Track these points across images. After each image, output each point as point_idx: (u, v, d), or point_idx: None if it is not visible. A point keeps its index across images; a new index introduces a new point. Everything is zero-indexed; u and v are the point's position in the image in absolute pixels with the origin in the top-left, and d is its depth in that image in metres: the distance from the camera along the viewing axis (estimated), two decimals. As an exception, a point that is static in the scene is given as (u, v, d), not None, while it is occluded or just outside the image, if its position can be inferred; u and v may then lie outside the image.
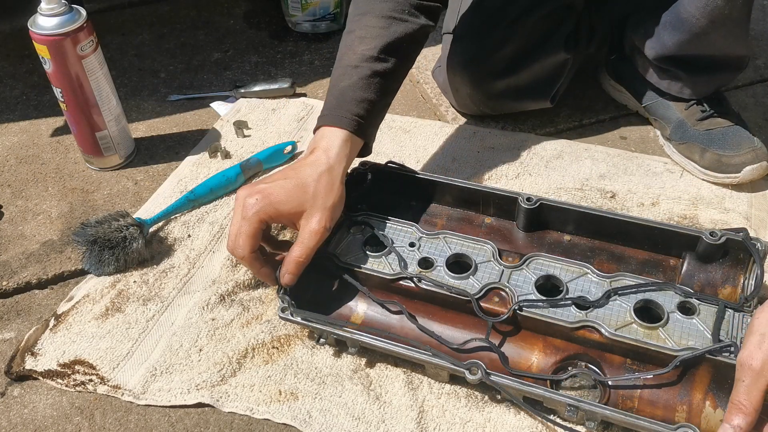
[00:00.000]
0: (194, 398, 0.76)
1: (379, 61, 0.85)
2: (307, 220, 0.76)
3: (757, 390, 0.62)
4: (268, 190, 0.77)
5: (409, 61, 0.90)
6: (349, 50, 0.87)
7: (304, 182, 0.77)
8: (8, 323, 0.86)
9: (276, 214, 0.76)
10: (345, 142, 0.81)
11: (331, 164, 0.79)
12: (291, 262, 0.76)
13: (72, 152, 1.12)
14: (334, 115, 0.83)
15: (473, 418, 0.73)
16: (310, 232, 0.76)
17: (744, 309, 0.73)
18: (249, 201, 0.76)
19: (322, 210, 0.76)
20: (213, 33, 1.42)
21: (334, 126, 0.82)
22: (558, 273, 0.78)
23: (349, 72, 0.85)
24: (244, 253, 0.76)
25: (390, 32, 0.86)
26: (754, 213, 0.96)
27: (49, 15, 0.93)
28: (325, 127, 0.83)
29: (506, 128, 1.14)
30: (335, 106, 0.83)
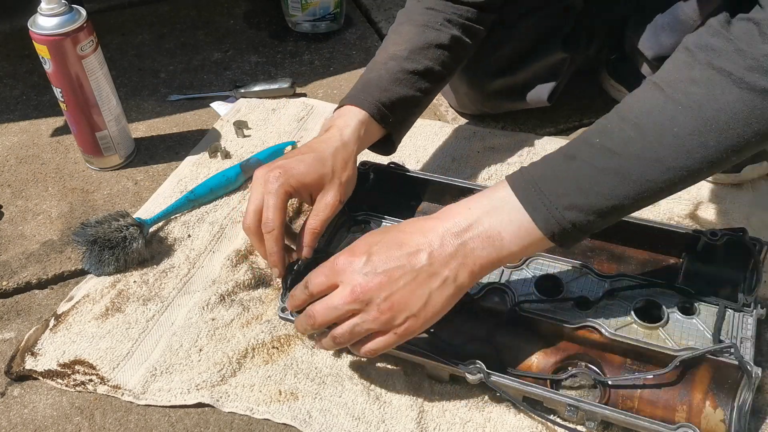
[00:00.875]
0: (194, 398, 0.76)
1: (409, 60, 0.86)
2: (324, 194, 0.78)
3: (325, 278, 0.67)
4: (288, 164, 0.77)
5: (442, 66, 0.89)
6: (381, 51, 0.89)
7: (323, 156, 0.78)
8: (8, 323, 0.86)
9: (299, 185, 0.77)
10: (361, 123, 0.81)
11: (345, 141, 0.80)
12: (307, 233, 0.77)
13: (72, 152, 1.12)
14: (356, 96, 0.84)
15: (473, 418, 0.73)
16: (325, 204, 0.78)
17: (744, 309, 0.73)
18: (271, 175, 0.76)
19: (338, 185, 0.78)
20: (213, 33, 1.42)
21: (353, 105, 0.82)
22: (558, 273, 0.78)
23: (377, 67, 0.87)
24: (274, 225, 0.75)
25: (422, 37, 0.88)
26: (754, 213, 0.96)
27: (49, 15, 0.93)
28: (344, 106, 0.83)
29: (506, 128, 1.14)
30: (359, 90, 0.85)
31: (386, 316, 0.64)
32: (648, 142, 0.60)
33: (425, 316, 0.65)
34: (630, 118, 0.62)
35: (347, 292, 0.65)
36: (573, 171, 0.62)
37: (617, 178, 0.61)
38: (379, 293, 0.64)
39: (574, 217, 0.62)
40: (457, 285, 0.65)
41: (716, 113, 0.58)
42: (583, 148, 0.63)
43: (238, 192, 1.03)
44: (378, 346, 0.67)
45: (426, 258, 0.64)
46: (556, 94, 1.08)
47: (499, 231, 0.64)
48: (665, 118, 0.60)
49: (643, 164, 0.60)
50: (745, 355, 0.68)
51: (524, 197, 0.63)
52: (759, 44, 0.56)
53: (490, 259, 0.64)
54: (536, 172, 0.64)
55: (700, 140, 0.59)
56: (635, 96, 0.63)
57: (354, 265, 0.66)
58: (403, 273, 0.64)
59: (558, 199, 0.62)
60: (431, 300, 0.64)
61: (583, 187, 0.61)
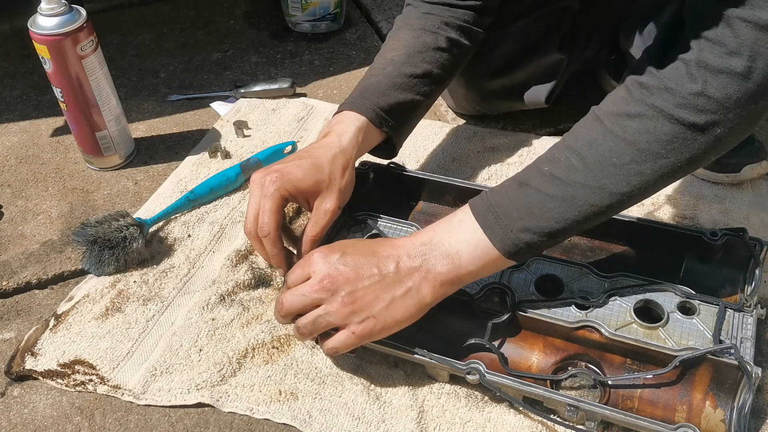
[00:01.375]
0: (194, 398, 0.76)
1: (407, 65, 0.86)
2: (322, 200, 0.79)
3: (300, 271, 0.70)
4: (285, 169, 0.78)
5: (441, 69, 0.89)
6: (380, 57, 0.89)
7: (320, 162, 0.78)
8: (8, 323, 0.86)
9: (295, 191, 0.77)
10: (359, 129, 0.82)
11: (344, 147, 0.80)
12: (306, 242, 0.79)
13: (72, 152, 1.12)
14: (354, 102, 0.84)
15: (473, 418, 0.73)
16: (324, 211, 0.78)
17: (744, 309, 0.73)
18: (268, 179, 0.77)
19: (336, 191, 0.79)
20: (213, 33, 1.42)
21: (352, 110, 0.83)
22: (558, 273, 0.78)
23: (375, 73, 0.87)
24: (269, 229, 0.76)
25: (420, 41, 0.88)
26: (754, 213, 0.96)
27: (49, 15, 0.93)
28: (343, 112, 0.84)
29: (506, 128, 1.14)
30: (357, 96, 0.85)
31: (347, 309, 0.68)
32: (590, 171, 0.66)
33: (385, 321, 0.68)
34: (575, 148, 0.67)
35: (316, 280, 0.69)
36: (525, 197, 0.68)
37: (564, 203, 0.66)
38: (345, 286, 0.68)
39: (528, 238, 0.67)
40: (420, 298, 0.68)
41: (649, 144, 0.64)
42: (534, 176, 0.69)
43: (238, 192, 1.03)
44: (336, 344, 0.70)
45: (393, 266, 0.69)
46: (553, 96, 1.08)
47: (457, 250, 0.69)
48: (605, 149, 0.65)
49: (587, 191, 0.66)
50: (745, 356, 0.68)
51: (483, 221, 0.69)
52: (687, 83, 0.62)
53: (450, 276, 0.69)
54: (494, 198, 0.69)
55: (636, 169, 0.65)
56: (579, 127, 0.69)
57: (327, 258, 0.70)
58: (371, 274, 0.68)
59: (513, 222, 0.67)
60: (393, 305, 0.68)
61: (535, 212, 0.67)
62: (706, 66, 0.61)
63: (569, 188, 0.66)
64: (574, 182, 0.66)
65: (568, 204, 0.66)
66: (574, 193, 0.66)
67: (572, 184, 0.66)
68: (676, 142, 0.63)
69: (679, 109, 0.62)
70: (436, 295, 0.69)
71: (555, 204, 0.66)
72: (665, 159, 0.64)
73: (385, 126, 0.84)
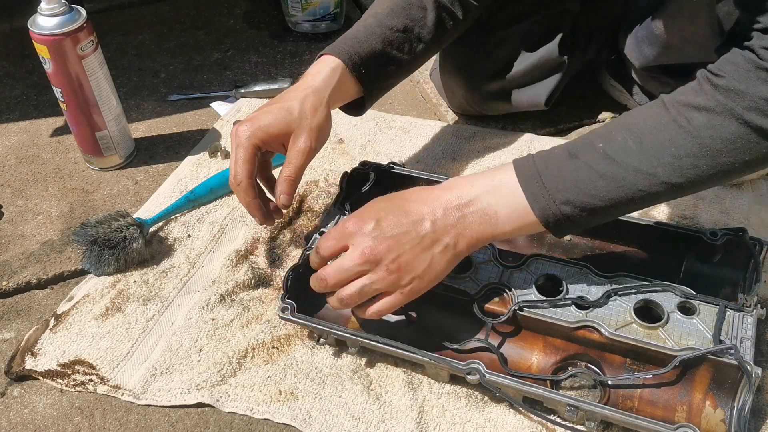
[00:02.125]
0: (194, 398, 0.76)
1: (389, 17, 0.85)
2: (294, 141, 0.78)
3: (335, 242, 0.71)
4: (256, 116, 0.78)
5: (425, 30, 0.87)
6: (366, 12, 0.89)
7: (290, 105, 0.78)
8: (8, 323, 0.86)
9: (266, 136, 0.77)
10: (333, 70, 0.81)
11: (317, 87, 0.80)
12: (282, 181, 0.78)
13: (72, 152, 1.12)
14: (331, 47, 0.83)
15: (473, 418, 0.73)
16: (297, 151, 0.78)
17: (744, 309, 0.72)
18: (240, 129, 0.77)
19: (308, 130, 0.78)
20: (213, 33, 1.43)
21: (327, 54, 0.82)
22: (558, 273, 0.78)
23: (357, 24, 0.87)
24: (241, 178, 0.77)
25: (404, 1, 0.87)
26: (754, 213, 0.96)
27: (49, 15, 0.93)
28: (319, 57, 0.83)
29: (506, 128, 1.14)
30: (335, 42, 0.84)
31: (394, 276, 0.69)
32: (646, 157, 0.64)
33: (428, 278, 0.70)
34: (634, 130, 0.66)
35: (357, 253, 0.69)
36: (574, 170, 0.66)
37: (613, 184, 0.65)
38: (387, 255, 0.69)
39: (569, 211, 0.67)
40: (456, 252, 0.70)
41: (712, 140, 0.63)
42: (586, 150, 0.67)
43: (238, 192, 1.03)
44: (385, 306, 0.71)
45: (429, 226, 0.69)
46: (553, 98, 1.08)
47: (496, 210, 0.69)
48: (666, 138, 0.64)
49: (638, 176, 0.65)
50: (745, 356, 0.68)
51: (527, 186, 0.68)
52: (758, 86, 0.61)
53: (486, 234, 0.70)
54: (541, 164, 0.68)
55: (693, 162, 0.64)
56: (643, 110, 0.67)
57: (363, 228, 0.70)
58: (410, 238, 0.69)
59: (557, 193, 0.67)
60: (433, 263, 0.69)
61: (581, 186, 0.66)
62: None
63: (620, 169, 0.65)
64: (626, 164, 0.65)
65: (616, 185, 0.65)
66: (624, 175, 0.65)
67: (624, 166, 0.65)
68: (740, 142, 0.62)
69: (748, 111, 0.61)
70: (471, 248, 0.71)
71: (603, 183, 0.65)
72: (725, 158, 0.63)
73: (359, 72, 0.82)
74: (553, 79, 1.07)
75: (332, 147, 1.10)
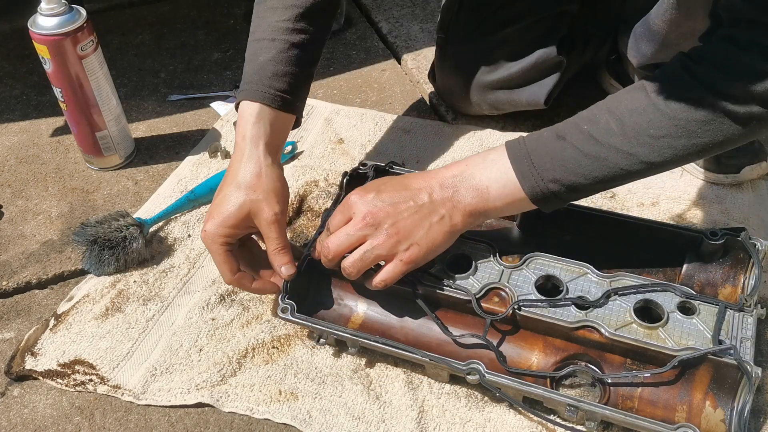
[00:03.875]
0: (194, 398, 0.76)
1: (295, 32, 0.84)
2: (258, 217, 0.77)
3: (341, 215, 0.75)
4: (212, 213, 0.77)
5: (327, 28, 0.87)
6: (262, 21, 0.85)
7: (236, 190, 0.77)
8: (8, 323, 0.86)
9: (230, 231, 0.77)
10: (259, 119, 0.80)
11: (250, 150, 0.79)
12: (274, 257, 0.77)
13: (72, 152, 1.12)
14: (254, 89, 0.81)
15: (473, 418, 0.73)
16: (266, 224, 0.77)
17: (744, 309, 0.72)
18: (204, 235, 0.77)
19: (265, 201, 0.77)
20: (213, 33, 1.42)
21: (254, 101, 0.81)
22: (558, 273, 0.78)
23: (266, 46, 0.83)
24: (228, 280, 0.78)
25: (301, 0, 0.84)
26: (754, 213, 0.96)
27: (49, 15, 0.93)
28: (244, 102, 0.82)
29: (506, 128, 1.14)
30: (255, 80, 0.82)
31: (393, 240, 0.72)
32: (626, 138, 0.68)
33: (426, 245, 0.72)
34: (616, 113, 0.69)
35: (358, 219, 0.73)
36: (561, 150, 0.70)
37: (596, 163, 0.69)
38: (386, 219, 0.72)
39: (556, 188, 0.71)
40: (452, 224, 0.73)
41: (687, 123, 0.66)
42: (572, 132, 0.71)
43: (238, 192, 1.02)
44: (388, 274, 0.73)
45: (427, 197, 0.73)
46: (552, 97, 1.08)
47: (487, 186, 0.73)
48: (644, 120, 0.68)
49: (619, 155, 0.69)
50: (745, 356, 0.68)
51: (516, 166, 0.72)
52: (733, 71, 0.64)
53: (477, 208, 0.73)
54: (531, 145, 0.72)
55: (670, 143, 0.67)
56: (625, 93, 0.71)
57: (365, 198, 0.74)
58: (408, 207, 0.73)
59: (545, 172, 0.71)
60: (431, 231, 0.72)
61: (567, 166, 0.70)
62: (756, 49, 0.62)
63: (603, 150, 0.69)
64: (609, 145, 0.69)
65: (599, 164, 0.69)
66: (606, 155, 0.69)
67: (607, 147, 0.69)
68: (713, 124, 0.66)
69: (722, 96, 0.64)
70: (465, 223, 0.73)
71: (587, 162, 0.69)
72: (700, 138, 0.67)
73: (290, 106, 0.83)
74: (552, 79, 1.07)
75: (332, 147, 1.10)
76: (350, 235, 0.73)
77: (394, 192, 0.74)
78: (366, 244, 0.73)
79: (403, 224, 0.72)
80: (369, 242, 0.72)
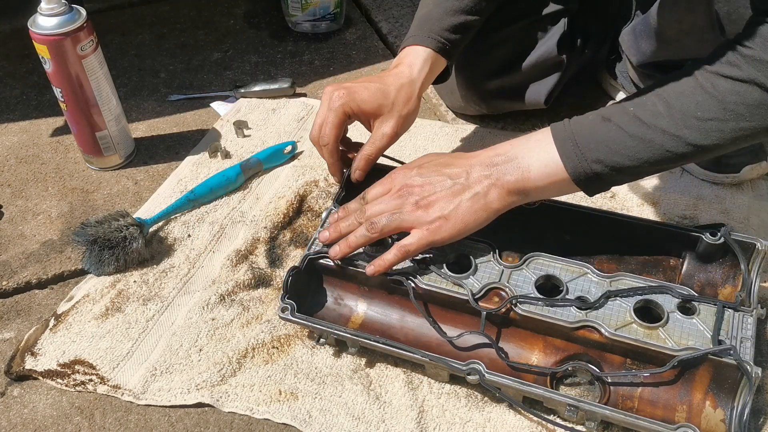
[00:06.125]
0: (194, 398, 0.76)
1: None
2: (381, 123, 0.83)
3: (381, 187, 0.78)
4: (353, 87, 0.84)
5: None
6: None
7: (386, 89, 0.83)
8: (8, 323, 0.86)
9: (358, 109, 0.83)
10: (426, 60, 0.86)
11: (413, 78, 0.85)
12: (361, 158, 0.84)
13: (72, 152, 1.12)
14: (419, 35, 0.87)
15: (473, 418, 0.73)
16: (382, 134, 0.83)
17: (744, 309, 0.72)
18: (336, 94, 0.83)
19: (396, 117, 0.83)
20: (213, 33, 1.43)
21: (419, 45, 0.87)
22: (558, 273, 0.78)
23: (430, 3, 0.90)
24: (328, 140, 0.83)
25: None
26: (754, 213, 0.96)
27: (49, 15, 0.93)
28: (409, 46, 0.88)
29: (506, 128, 1.14)
30: (419, 28, 0.88)
31: (421, 210, 0.75)
32: (673, 120, 0.69)
33: (454, 221, 0.74)
34: (663, 95, 0.70)
35: (395, 190, 0.77)
36: (606, 132, 0.71)
37: (642, 144, 0.70)
38: (420, 191, 0.75)
39: (599, 169, 0.71)
40: (486, 201, 0.74)
41: (736, 106, 0.67)
42: (618, 114, 0.72)
43: (238, 192, 1.03)
44: (412, 240, 0.75)
45: (464, 175, 0.75)
46: (553, 96, 1.08)
47: (529, 165, 0.73)
48: (692, 102, 0.68)
49: (666, 137, 0.69)
50: (745, 356, 0.68)
51: (561, 146, 0.72)
52: None
53: (517, 185, 0.74)
54: (576, 127, 0.73)
55: (718, 126, 0.68)
56: (672, 76, 0.71)
57: (405, 173, 0.78)
58: (443, 183, 0.75)
59: (589, 153, 0.71)
60: (460, 207, 0.74)
61: (612, 146, 0.71)
62: None
63: (650, 131, 0.69)
64: (655, 127, 0.69)
65: (645, 145, 0.69)
66: (653, 137, 0.69)
67: (653, 129, 0.69)
68: (762, 108, 0.66)
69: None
70: (504, 202, 0.74)
71: (633, 143, 0.70)
72: (747, 122, 0.67)
73: (445, 53, 0.88)
74: (553, 78, 1.07)
75: (332, 147, 1.10)
76: (384, 202, 0.76)
77: (433, 169, 0.77)
78: (395, 209, 0.76)
79: (433, 198, 0.74)
80: (399, 208, 0.75)
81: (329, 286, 0.83)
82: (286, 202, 0.99)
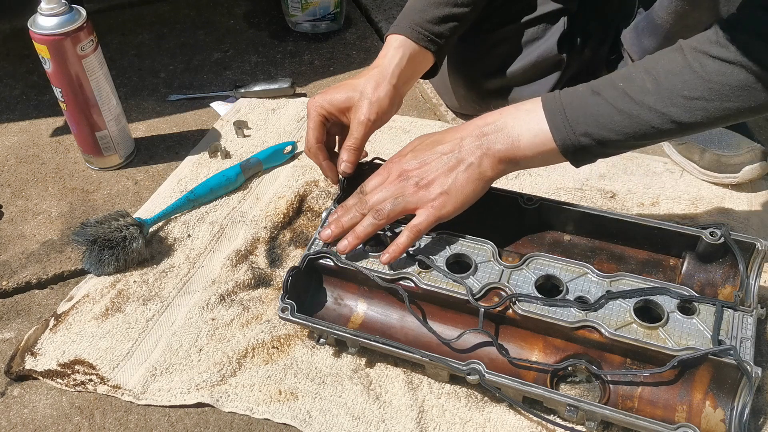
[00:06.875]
0: (194, 398, 0.76)
1: None
2: (355, 113, 0.85)
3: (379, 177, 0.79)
4: (327, 90, 0.87)
5: None
6: None
7: (355, 82, 0.86)
8: (8, 323, 0.86)
9: (330, 107, 0.85)
10: (398, 48, 0.87)
11: (383, 65, 0.86)
12: (344, 150, 0.85)
13: (72, 152, 1.12)
14: (398, 25, 0.89)
15: (473, 418, 0.73)
16: (357, 122, 0.84)
17: (744, 309, 0.72)
18: (311, 101, 0.86)
19: (367, 104, 0.84)
20: (213, 33, 1.43)
21: (394, 34, 0.88)
22: (558, 273, 0.78)
23: None
24: (311, 144, 0.85)
25: None
26: (753, 213, 0.96)
27: (49, 15, 0.93)
28: (388, 36, 0.89)
29: (506, 128, 1.14)
30: (401, 19, 0.89)
31: (423, 190, 0.76)
32: (660, 97, 0.70)
33: (455, 194, 0.76)
34: (652, 72, 0.71)
35: (393, 176, 0.79)
36: (595, 105, 0.72)
37: (629, 119, 0.71)
38: (418, 173, 0.77)
39: (586, 142, 0.72)
40: (480, 171, 0.76)
41: (722, 86, 0.68)
42: (608, 88, 0.73)
43: (238, 192, 1.03)
44: (420, 219, 0.76)
45: (457, 149, 0.77)
46: None
47: (518, 134, 0.74)
48: (680, 81, 0.69)
49: (653, 114, 0.70)
50: (745, 356, 0.68)
51: (551, 118, 0.73)
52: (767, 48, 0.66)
53: (507, 154, 0.75)
54: (566, 99, 0.74)
55: (703, 105, 0.69)
56: (662, 54, 0.73)
57: (399, 159, 0.80)
58: (437, 160, 0.77)
59: (578, 126, 0.72)
60: (458, 179, 0.76)
61: (600, 121, 0.72)
62: None
63: (637, 107, 0.70)
64: (642, 103, 0.70)
65: (631, 121, 0.71)
66: (640, 113, 0.70)
67: (640, 105, 0.70)
68: (747, 90, 0.67)
69: (757, 64, 0.66)
70: (495, 170, 0.76)
71: (620, 118, 0.71)
72: (732, 102, 0.68)
73: (424, 42, 0.88)
74: (553, 77, 1.07)
75: (332, 147, 1.10)
76: (385, 189, 0.78)
77: (426, 149, 0.78)
78: (398, 191, 0.77)
79: (432, 176, 0.76)
80: (401, 192, 0.77)
81: (329, 286, 0.83)
82: (286, 202, 0.99)
